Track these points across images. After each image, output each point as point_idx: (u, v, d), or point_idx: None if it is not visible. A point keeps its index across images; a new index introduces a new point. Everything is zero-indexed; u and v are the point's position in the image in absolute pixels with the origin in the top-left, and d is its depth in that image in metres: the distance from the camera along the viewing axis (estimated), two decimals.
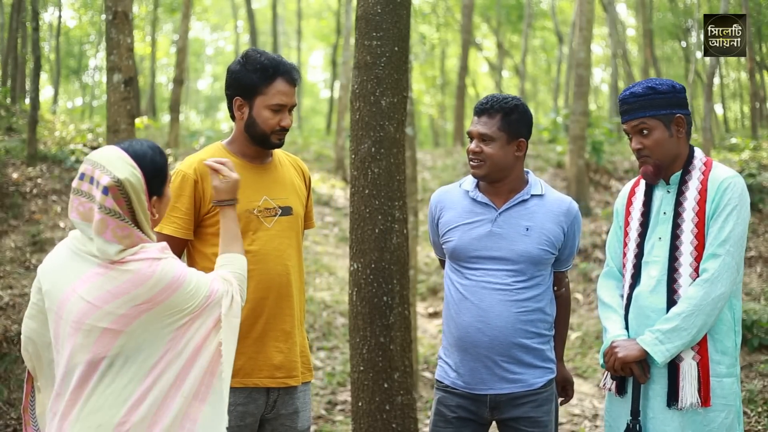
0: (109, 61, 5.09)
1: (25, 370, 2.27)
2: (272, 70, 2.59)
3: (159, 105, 27.22)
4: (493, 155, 2.68)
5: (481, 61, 29.17)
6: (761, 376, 5.31)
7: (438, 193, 2.92)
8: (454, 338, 2.73)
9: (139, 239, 2.00)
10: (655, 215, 2.66)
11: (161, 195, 2.11)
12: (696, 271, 2.52)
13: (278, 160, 2.77)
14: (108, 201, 1.94)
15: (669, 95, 2.58)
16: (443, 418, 2.76)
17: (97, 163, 1.98)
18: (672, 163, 2.63)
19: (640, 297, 2.62)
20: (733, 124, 26.10)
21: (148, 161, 2.04)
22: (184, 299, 2.01)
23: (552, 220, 2.73)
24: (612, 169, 11.80)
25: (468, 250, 2.71)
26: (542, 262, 2.72)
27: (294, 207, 2.71)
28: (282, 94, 2.61)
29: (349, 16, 14.11)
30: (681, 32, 21.82)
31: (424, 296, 8.65)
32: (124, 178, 1.95)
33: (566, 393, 2.93)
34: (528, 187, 2.77)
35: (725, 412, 2.51)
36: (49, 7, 20.19)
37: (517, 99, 2.75)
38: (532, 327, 2.69)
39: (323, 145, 17.17)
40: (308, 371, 2.75)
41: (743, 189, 2.55)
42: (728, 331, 2.55)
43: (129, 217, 1.98)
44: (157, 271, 1.97)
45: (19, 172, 8.73)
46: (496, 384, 2.68)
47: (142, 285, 1.95)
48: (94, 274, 1.97)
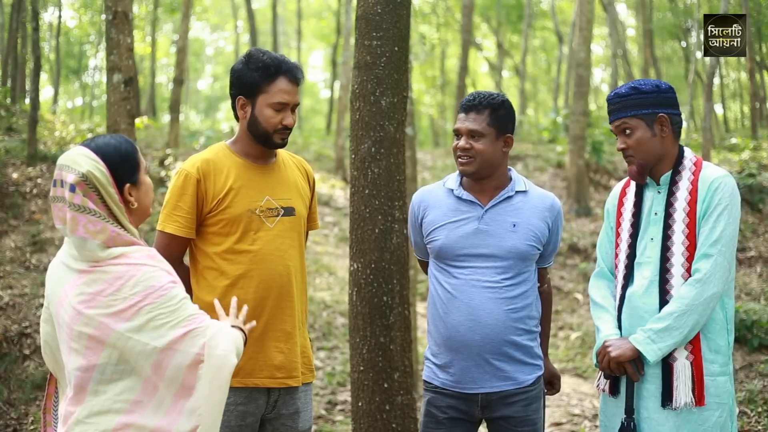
0: (109, 61, 5.09)
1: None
2: (274, 69, 2.60)
3: (159, 105, 27.23)
4: (484, 151, 2.68)
5: (481, 61, 29.17)
6: (761, 376, 5.31)
7: (420, 193, 2.90)
8: (443, 338, 2.71)
9: (115, 233, 1.97)
10: (647, 216, 2.67)
11: (136, 182, 2.08)
12: (688, 271, 2.53)
13: (282, 161, 2.77)
14: (76, 198, 1.94)
15: (652, 95, 2.59)
16: (434, 419, 2.75)
17: (62, 165, 1.99)
18: (657, 162, 2.63)
19: (633, 297, 2.62)
20: (733, 124, 26.10)
21: (111, 150, 2.03)
22: (163, 312, 1.93)
23: (537, 216, 2.74)
24: (612, 169, 11.81)
25: (455, 248, 2.71)
26: (529, 258, 2.73)
27: (297, 208, 2.71)
28: (284, 92, 2.61)
29: (349, 16, 14.12)
30: (681, 32, 21.84)
31: (424, 296, 8.65)
32: (87, 171, 1.95)
33: (553, 386, 2.94)
34: (512, 184, 2.78)
35: (719, 411, 2.51)
36: (49, 7, 20.21)
37: (502, 95, 2.77)
38: (522, 324, 2.69)
39: (323, 145, 17.19)
40: (310, 372, 2.75)
41: (734, 188, 2.56)
42: (721, 330, 2.56)
43: (104, 212, 1.97)
44: (135, 275, 1.93)
45: (19, 172, 8.73)
46: (487, 382, 2.67)
47: (120, 289, 1.92)
48: (78, 278, 1.96)
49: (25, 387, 5.15)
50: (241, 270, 2.57)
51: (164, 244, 2.59)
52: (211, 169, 2.60)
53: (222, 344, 1.98)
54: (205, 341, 1.96)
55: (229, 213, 2.57)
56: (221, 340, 1.99)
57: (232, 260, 2.57)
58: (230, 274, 2.57)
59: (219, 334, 2.00)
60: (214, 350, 1.96)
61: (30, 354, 5.45)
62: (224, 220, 2.57)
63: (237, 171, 2.63)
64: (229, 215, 2.57)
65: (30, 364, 5.35)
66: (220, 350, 1.97)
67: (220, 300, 2.56)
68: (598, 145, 11.74)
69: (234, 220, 2.57)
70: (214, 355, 1.96)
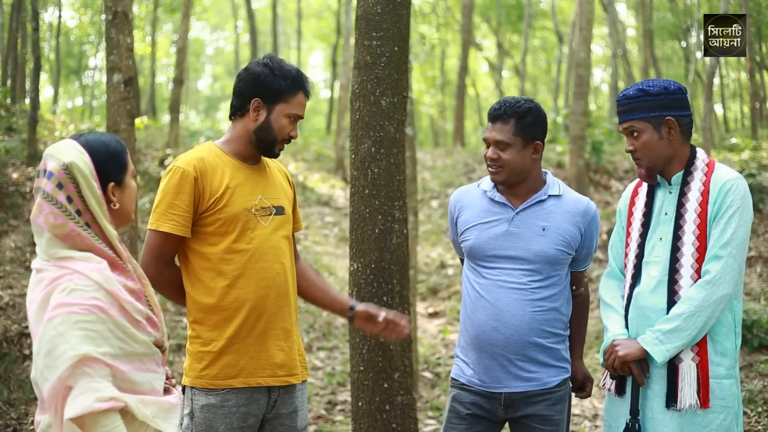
0: (109, 61, 5.09)
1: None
2: (299, 81, 2.65)
3: (159, 105, 27.21)
4: (511, 161, 2.70)
5: (481, 61, 29.16)
6: (761, 376, 5.30)
7: (457, 193, 2.96)
8: (470, 336, 2.76)
9: (75, 232, 1.88)
10: (657, 215, 2.66)
11: (121, 183, 2.01)
12: (697, 272, 2.52)
13: (266, 163, 2.79)
14: (48, 186, 1.88)
15: (660, 97, 2.58)
16: (457, 414, 2.78)
17: (48, 154, 1.94)
18: (666, 164, 2.63)
19: (640, 297, 2.62)
20: (733, 124, 26.09)
21: (99, 145, 1.97)
22: (63, 331, 1.74)
23: (569, 221, 2.74)
24: (612, 169, 11.80)
25: (485, 249, 2.74)
26: (558, 263, 2.73)
27: (285, 207, 2.73)
28: (302, 105, 2.66)
29: (349, 16, 14.11)
30: (681, 32, 21.82)
31: (424, 296, 8.66)
32: (70, 161, 1.89)
33: (584, 389, 2.93)
34: (546, 188, 2.79)
35: (724, 414, 2.51)
36: (49, 7, 20.20)
37: (530, 101, 2.74)
38: (548, 326, 2.70)
39: (323, 145, 17.18)
40: (305, 369, 2.76)
41: (746, 191, 2.54)
42: (728, 333, 2.55)
43: (80, 207, 1.89)
44: (61, 283, 1.80)
45: (19, 172, 8.72)
46: (510, 382, 2.69)
47: (46, 295, 1.81)
48: (33, 276, 1.90)
49: (25, 387, 5.16)
50: (239, 269, 2.56)
51: (157, 243, 2.55)
52: (207, 167, 2.58)
53: (78, 400, 1.74)
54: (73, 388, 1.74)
55: (227, 212, 2.56)
56: (80, 397, 1.74)
57: (230, 260, 2.56)
58: (229, 274, 2.56)
59: (86, 388, 1.75)
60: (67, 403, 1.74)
61: (30, 354, 5.45)
62: (221, 219, 2.56)
63: (231, 170, 2.62)
64: (226, 214, 2.56)
65: (30, 364, 5.35)
66: (72, 404, 1.73)
67: (220, 301, 2.56)
68: (598, 145, 11.73)
69: (232, 219, 2.56)
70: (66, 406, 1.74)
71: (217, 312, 2.56)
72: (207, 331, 2.57)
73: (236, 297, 2.56)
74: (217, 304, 2.56)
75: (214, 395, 2.54)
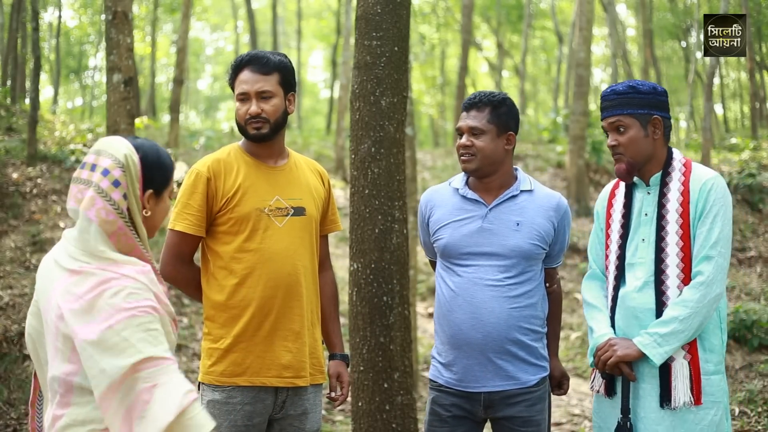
0: (109, 61, 5.09)
1: (25, 370, 2.27)
2: (238, 64, 2.68)
3: (159, 105, 27.22)
4: (484, 148, 2.70)
5: (481, 61, 29.17)
6: (761, 376, 5.31)
7: (427, 193, 2.93)
8: (447, 336, 2.72)
9: (123, 230, 1.90)
10: (636, 217, 2.68)
11: (159, 195, 2.02)
12: (683, 271, 2.54)
13: (294, 162, 2.79)
14: (104, 182, 1.89)
15: (649, 96, 2.62)
16: (438, 417, 2.76)
17: (99, 150, 1.96)
18: (645, 162, 2.65)
19: (627, 297, 2.63)
20: (733, 124, 26.11)
21: (152, 152, 1.99)
22: (127, 336, 1.78)
23: (542, 215, 2.74)
24: (612, 169, 11.81)
25: (459, 246, 2.72)
26: (533, 257, 2.72)
27: (308, 208, 2.72)
28: (243, 82, 2.64)
29: (349, 16, 14.12)
30: (681, 32, 21.85)
31: (424, 296, 8.66)
32: (125, 155, 1.92)
33: (561, 387, 2.93)
34: (517, 183, 2.78)
35: (714, 410, 2.52)
36: (49, 7, 20.22)
37: (504, 94, 2.79)
38: (525, 323, 2.68)
39: (323, 145, 17.19)
40: (320, 373, 2.75)
41: (725, 189, 2.58)
42: (715, 329, 2.58)
43: (124, 209, 1.91)
44: (114, 286, 1.83)
45: (19, 172, 8.73)
46: (489, 381, 2.67)
47: (93, 297, 1.82)
48: (68, 277, 1.89)
49: (25, 387, 5.16)
50: (248, 268, 2.58)
51: (174, 242, 2.62)
52: (221, 168, 2.63)
53: (169, 399, 1.78)
54: (155, 387, 1.78)
55: (238, 211, 2.59)
56: (169, 396, 1.78)
57: (241, 259, 2.59)
58: (238, 273, 2.58)
59: (169, 385, 1.80)
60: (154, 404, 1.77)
61: (30, 354, 5.43)
62: (233, 218, 2.59)
63: (247, 170, 2.65)
64: (237, 214, 2.59)
65: (30, 364, 5.35)
66: (165, 405, 1.77)
67: (229, 299, 2.59)
68: (598, 145, 11.75)
69: (242, 219, 2.59)
70: (153, 408, 1.77)
71: (226, 309, 2.59)
72: (217, 328, 2.61)
73: (244, 296, 2.58)
74: (226, 302, 2.59)
75: (219, 391, 2.57)
